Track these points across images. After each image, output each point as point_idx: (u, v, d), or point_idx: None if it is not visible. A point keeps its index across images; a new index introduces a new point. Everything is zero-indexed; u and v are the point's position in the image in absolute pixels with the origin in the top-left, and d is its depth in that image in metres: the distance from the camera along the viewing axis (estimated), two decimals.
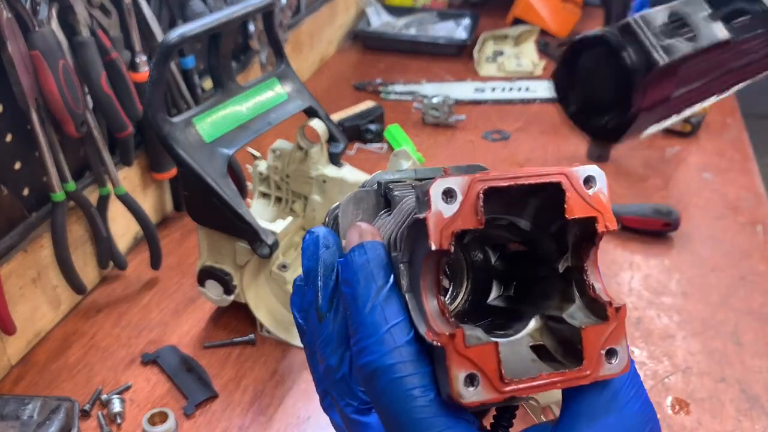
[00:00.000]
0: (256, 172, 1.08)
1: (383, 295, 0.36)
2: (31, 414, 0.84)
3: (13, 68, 0.87)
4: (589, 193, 0.36)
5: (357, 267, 0.37)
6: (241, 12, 0.94)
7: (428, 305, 0.35)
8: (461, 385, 0.33)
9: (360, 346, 0.36)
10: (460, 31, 2.15)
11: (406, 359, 0.35)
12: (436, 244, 0.34)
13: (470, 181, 0.35)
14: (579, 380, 0.35)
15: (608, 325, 0.36)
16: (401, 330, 0.35)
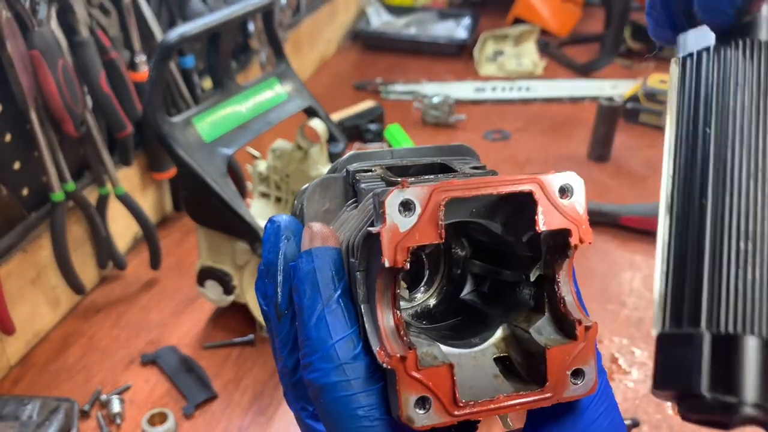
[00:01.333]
0: (256, 172, 1.08)
1: (330, 307, 0.35)
2: (31, 414, 0.84)
3: (12, 68, 0.87)
4: (564, 204, 0.34)
5: (303, 276, 0.35)
6: (240, 11, 0.94)
7: (383, 322, 0.34)
8: (411, 409, 0.32)
9: (306, 360, 0.34)
10: (461, 31, 2.15)
11: (351, 377, 0.34)
12: (390, 261, 0.32)
13: (430, 191, 0.32)
14: (540, 402, 0.34)
15: (576, 345, 0.35)
16: (347, 345, 0.34)
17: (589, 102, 1.76)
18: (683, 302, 0.33)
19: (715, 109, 0.36)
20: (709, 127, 0.35)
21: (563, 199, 0.35)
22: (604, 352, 0.99)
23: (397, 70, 1.95)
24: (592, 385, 0.35)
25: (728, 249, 0.33)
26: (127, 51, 1.11)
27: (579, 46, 2.11)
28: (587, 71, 1.93)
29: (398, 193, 0.32)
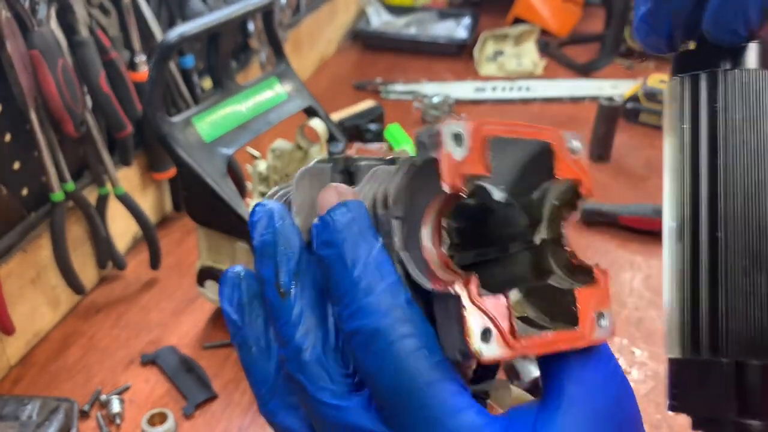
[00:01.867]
0: (256, 172, 1.08)
1: (375, 254, 0.32)
2: (30, 414, 0.84)
3: (12, 68, 0.87)
4: (574, 158, 0.36)
5: (341, 226, 0.33)
6: (240, 11, 0.94)
7: (430, 255, 0.32)
8: (477, 339, 0.31)
9: (352, 309, 0.32)
10: (461, 31, 2.15)
11: (407, 319, 0.31)
12: (451, 185, 0.31)
13: (476, 125, 0.33)
14: (578, 341, 0.34)
15: (597, 289, 0.35)
16: (399, 289, 0.32)
17: (589, 102, 1.76)
18: (701, 331, 0.36)
19: (722, 138, 0.37)
20: (718, 157, 0.37)
21: (574, 154, 0.37)
22: None
23: (397, 70, 1.95)
24: (613, 329, 0.35)
25: (741, 282, 0.35)
26: (127, 51, 1.11)
27: (579, 46, 2.11)
28: (587, 71, 1.93)
29: (452, 124, 0.32)
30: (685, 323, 0.36)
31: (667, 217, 0.39)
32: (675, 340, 0.37)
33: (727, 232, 0.36)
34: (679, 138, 0.39)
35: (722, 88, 0.37)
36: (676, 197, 0.38)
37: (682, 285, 0.37)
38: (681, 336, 0.36)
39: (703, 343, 0.36)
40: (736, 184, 0.36)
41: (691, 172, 0.38)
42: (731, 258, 0.36)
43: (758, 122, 0.37)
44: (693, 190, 0.37)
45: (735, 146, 0.37)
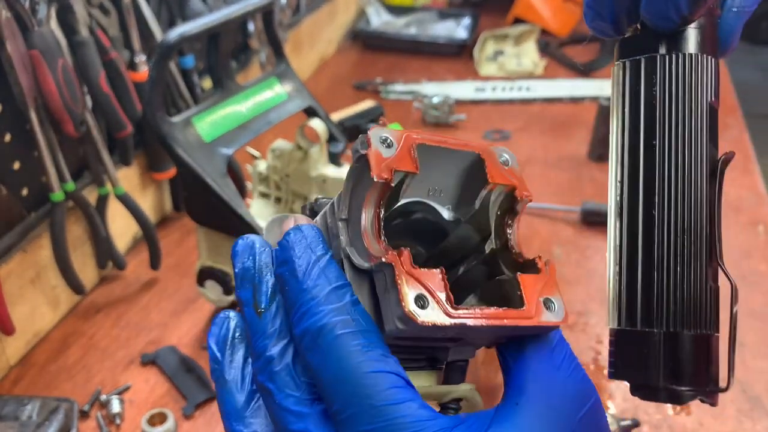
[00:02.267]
0: (256, 172, 1.08)
1: (323, 263, 0.36)
2: (30, 414, 0.84)
3: (12, 68, 0.87)
4: (506, 168, 0.40)
5: (294, 243, 0.37)
6: (240, 11, 0.94)
7: (368, 239, 0.36)
8: (412, 304, 0.33)
9: (300, 312, 0.35)
10: (461, 31, 2.15)
11: (351, 317, 0.34)
12: (378, 175, 0.35)
13: (404, 134, 0.37)
14: (524, 320, 0.36)
15: (541, 276, 0.38)
16: (344, 292, 0.35)
17: (589, 102, 1.76)
18: (636, 303, 0.38)
19: (659, 121, 0.38)
20: (655, 139, 0.38)
21: (505, 166, 0.40)
22: (604, 352, 0.99)
23: (397, 70, 1.95)
24: (564, 315, 0.37)
25: (674, 257, 0.38)
26: (127, 51, 1.11)
27: (579, 46, 2.11)
28: (587, 71, 1.93)
29: (378, 129, 0.37)
30: (623, 296, 0.39)
31: (610, 196, 0.41)
32: (614, 311, 0.39)
33: (662, 210, 0.38)
34: (620, 120, 0.40)
35: (660, 72, 0.38)
36: (617, 176, 0.40)
37: (620, 260, 0.40)
38: (618, 308, 0.39)
39: (639, 315, 0.38)
40: (671, 164, 0.38)
41: (630, 153, 0.39)
42: (665, 235, 0.38)
43: (695, 105, 0.38)
44: (632, 170, 0.39)
45: (672, 129, 0.38)
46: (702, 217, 0.38)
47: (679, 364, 0.37)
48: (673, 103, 0.38)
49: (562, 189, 1.40)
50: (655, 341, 0.37)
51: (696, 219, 0.38)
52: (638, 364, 0.38)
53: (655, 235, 0.38)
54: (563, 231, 1.28)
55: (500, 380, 0.46)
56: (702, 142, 0.38)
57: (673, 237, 0.37)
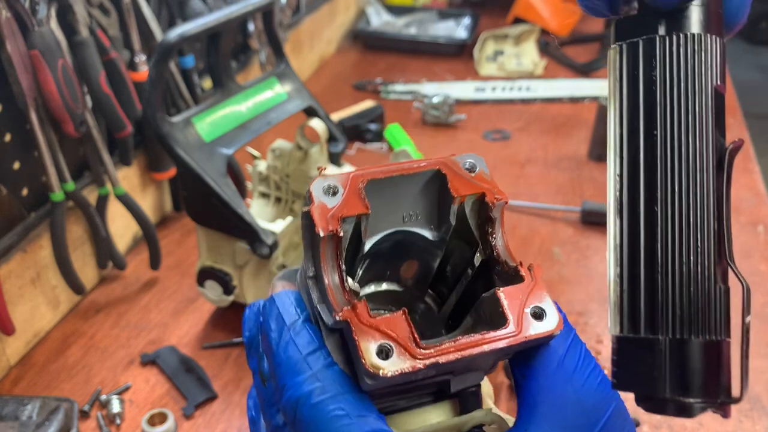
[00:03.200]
0: (256, 172, 1.08)
1: (296, 330, 0.36)
2: (30, 414, 0.84)
3: (12, 68, 0.87)
4: (473, 175, 0.39)
5: (268, 316, 0.37)
6: (240, 11, 0.94)
7: (333, 294, 0.35)
8: (374, 357, 0.32)
9: (280, 385, 0.34)
10: (461, 31, 2.15)
11: (325, 382, 0.33)
12: (324, 229, 0.34)
13: (350, 176, 0.36)
14: (508, 339, 0.34)
15: (525, 285, 0.36)
16: (317, 357, 0.34)
17: (589, 102, 1.76)
18: (639, 308, 0.34)
19: (660, 108, 0.35)
20: (655, 128, 0.35)
21: (470, 173, 0.39)
22: (604, 352, 0.99)
23: (397, 70, 1.95)
24: (557, 321, 0.35)
25: (679, 257, 0.34)
26: (127, 51, 1.11)
27: (579, 46, 2.11)
28: (587, 71, 1.93)
29: (321, 180, 0.36)
30: (625, 300, 0.35)
31: (609, 192, 0.37)
32: (615, 316, 0.36)
33: (665, 205, 0.34)
34: (618, 109, 0.37)
35: (660, 55, 0.35)
36: (616, 170, 0.36)
37: (621, 261, 0.36)
38: (620, 313, 0.35)
39: (642, 321, 0.34)
40: (674, 155, 0.34)
41: (630, 145, 0.36)
42: (669, 233, 0.34)
43: (699, 90, 0.34)
44: (632, 163, 0.36)
45: (674, 116, 0.35)
46: (709, 212, 0.34)
47: (687, 373, 0.34)
48: (675, 88, 0.35)
49: (562, 189, 1.40)
50: (660, 349, 0.34)
51: (702, 214, 0.34)
52: (643, 374, 0.34)
53: (658, 233, 0.34)
54: (563, 231, 1.28)
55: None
56: (707, 130, 0.34)
57: (677, 234, 0.34)
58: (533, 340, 0.35)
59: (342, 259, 0.35)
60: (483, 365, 0.38)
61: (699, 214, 0.34)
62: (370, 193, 0.37)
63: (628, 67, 0.36)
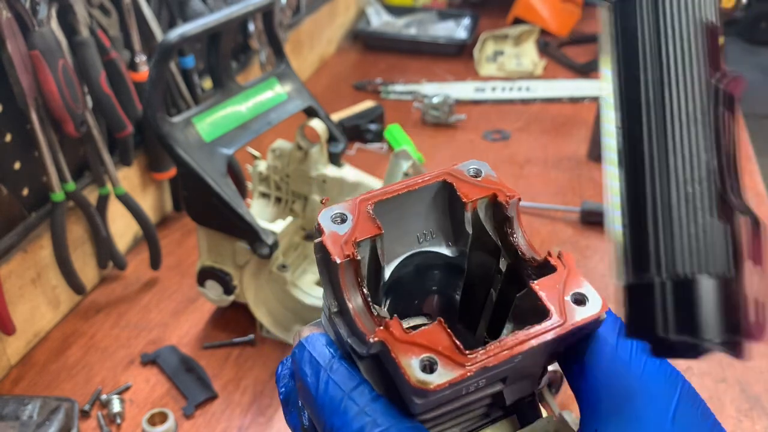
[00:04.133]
0: (256, 172, 1.08)
1: (332, 368, 0.34)
2: (31, 414, 0.84)
3: (12, 68, 0.87)
4: (479, 179, 0.38)
5: (300, 362, 0.35)
6: (240, 12, 0.94)
7: (361, 321, 0.33)
8: (418, 372, 0.31)
9: (326, 427, 0.33)
10: (461, 31, 2.15)
11: (375, 416, 0.32)
12: (340, 255, 0.34)
13: (356, 201, 0.36)
14: (555, 330, 0.33)
15: (559, 274, 0.35)
16: (361, 391, 0.33)
17: (589, 102, 1.76)
18: (643, 252, 0.34)
19: (650, 56, 0.35)
20: (647, 74, 0.35)
21: (476, 178, 0.39)
22: None
23: (397, 70, 1.95)
24: (601, 303, 0.34)
25: (677, 195, 0.34)
26: (128, 51, 1.11)
27: (579, 46, 2.11)
28: (587, 71, 1.93)
29: (327, 210, 0.36)
30: (628, 246, 0.35)
31: (610, 147, 0.38)
32: (621, 264, 0.35)
33: (663, 144, 0.34)
34: (615, 62, 0.37)
35: (645, 10, 0.35)
36: (617, 123, 0.37)
37: (624, 209, 0.36)
38: (625, 261, 0.35)
39: (645, 263, 0.34)
40: (670, 95, 0.35)
41: (627, 93, 0.36)
42: (668, 171, 0.34)
43: (691, 29, 0.35)
44: (629, 111, 0.36)
45: (667, 56, 0.35)
46: (707, 148, 0.34)
47: (690, 312, 0.33)
48: (666, 27, 0.35)
49: (562, 189, 1.40)
50: (663, 290, 0.33)
51: (699, 150, 0.34)
52: (649, 317, 0.33)
53: (657, 174, 0.34)
54: (563, 231, 1.28)
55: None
56: (701, 66, 0.34)
57: (675, 172, 0.34)
58: (581, 327, 0.33)
59: (363, 283, 0.34)
60: (534, 368, 0.37)
61: (696, 150, 0.34)
62: (380, 216, 0.36)
63: (620, 18, 0.37)
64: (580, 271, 0.35)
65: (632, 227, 0.35)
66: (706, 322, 0.33)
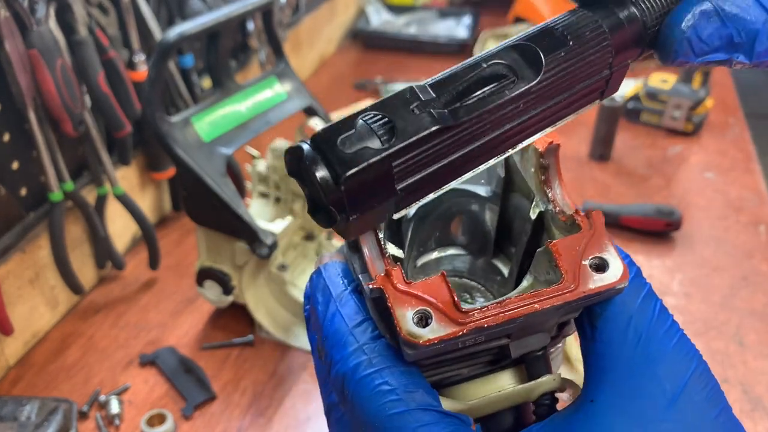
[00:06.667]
0: (255, 172, 1.07)
1: (341, 301, 0.34)
2: (29, 415, 0.83)
3: (10, 67, 0.87)
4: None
5: (315, 288, 0.36)
6: (240, 10, 0.94)
7: (371, 262, 0.33)
8: (411, 325, 0.30)
9: (329, 359, 0.33)
10: (461, 30, 2.14)
11: (372, 355, 0.32)
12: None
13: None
14: (563, 296, 0.31)
15: (582, 235, 0.33)
16: (364, 328, 0.33)
17: None
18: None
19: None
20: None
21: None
22: None
23: (397, 69, 1.95)
24: (621, 272, 0.32)
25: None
26: (126, 50, 1.10)
27: None
28: None
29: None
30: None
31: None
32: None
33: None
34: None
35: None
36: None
37: None
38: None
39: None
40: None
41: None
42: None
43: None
44: None
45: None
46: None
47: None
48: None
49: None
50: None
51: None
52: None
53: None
54: None
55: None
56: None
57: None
58: (593, 296, 0.31)
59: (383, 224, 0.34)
60: (543, 326, 0.35)
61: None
62: None
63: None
64: (607, 234, 0.33)
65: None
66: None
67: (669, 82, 1.56)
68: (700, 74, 1.53)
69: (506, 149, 0.33)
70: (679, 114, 1.55)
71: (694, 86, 1.53)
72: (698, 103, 1.53)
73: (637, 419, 0.30)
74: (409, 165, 0.30)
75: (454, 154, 0.31)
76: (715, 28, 0.32)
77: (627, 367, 0.31)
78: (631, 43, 0.33)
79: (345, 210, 0.30)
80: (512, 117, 0.31)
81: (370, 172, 0.29)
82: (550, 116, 0.33)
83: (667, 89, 1.54)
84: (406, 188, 0.30)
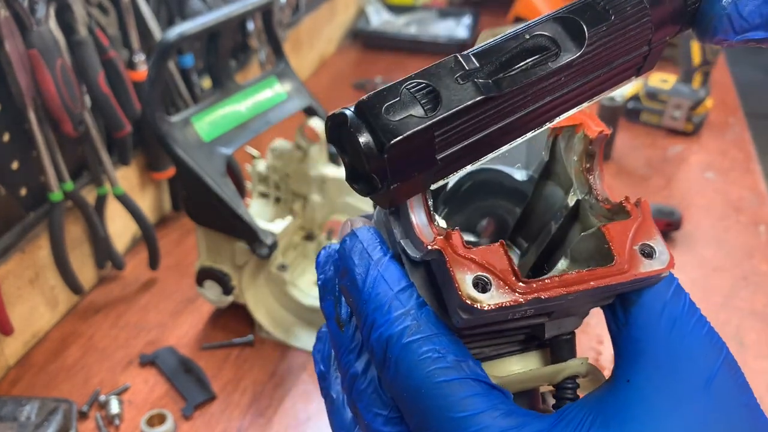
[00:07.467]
0: (255, 172, 1.07)
1: (383, 266, 0.33)
2: (29, 415, 0.83)
3: (10, 67, 0.87)
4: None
5: (350, 251, 0.34)
6: (240, 10, 0.94)
7: (418, 225, 0.32)
8: (471, 289, 0.30)
9: (368, 323, 0.32)
10: (461, 30, 2.14)
11: (418, 320, 0.31)
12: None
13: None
14: (616, 277, 0.32)
15: (632, 221, 0.33)
16: (410, 294, 0.32)
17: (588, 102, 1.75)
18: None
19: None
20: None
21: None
22: (605, 352, 0.99)
23: (398, 69, 1.95)
24: (668, 259, 0.33)
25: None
26: (126, 50, 1.10)
27: None
28: None
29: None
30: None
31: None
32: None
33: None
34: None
35: None
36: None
37: None
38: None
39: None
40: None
41: None
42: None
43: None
44: None
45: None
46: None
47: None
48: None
49: None
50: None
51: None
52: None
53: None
54: None
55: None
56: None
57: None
58: (643, 279, 0.32)
59: (428, 189, 0.33)
60: (581, 309, 0.36)
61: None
62: None
63: None
64: (654, 223, 0.34)
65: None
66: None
67: (669, 82, 1.56)
68: (700, 74, 1.53)
69: (544, 122, 0.33)
70: (679, 114, 1.55)
71: (694, 86, 1.53)
72: (698, 103, 1.53)
73: (674, 397, 0.31)
74: (451, 135, 0.30)
75: (495, 125, 0.31)
76: (756, 6, 0.32)
77: (663, 349, 0.32)
78: (670, 19, 0.33)
79: (387, 178, 0.30)
80: (553, 90, 0.32)
81: (413, 141, 0.29)
82: (588, 91, 0.33)
83: (667, 89, 1.54)
84: (445, 158, 0.30)
